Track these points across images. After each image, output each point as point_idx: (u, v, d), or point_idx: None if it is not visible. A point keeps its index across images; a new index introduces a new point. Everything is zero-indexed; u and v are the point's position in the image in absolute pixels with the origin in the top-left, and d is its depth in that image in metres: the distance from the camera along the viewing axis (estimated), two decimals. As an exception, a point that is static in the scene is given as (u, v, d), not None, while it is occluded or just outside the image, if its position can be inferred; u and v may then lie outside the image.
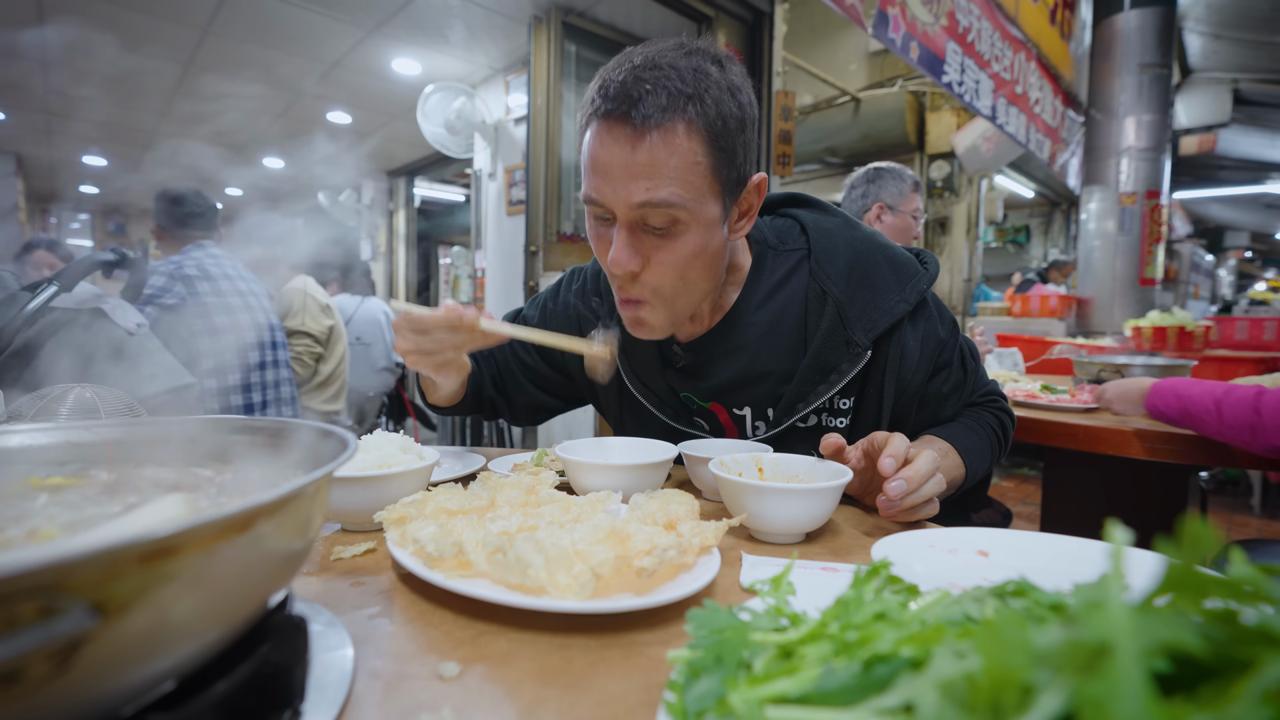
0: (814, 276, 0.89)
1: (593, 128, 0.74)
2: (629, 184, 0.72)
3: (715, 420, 0.97)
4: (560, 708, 0.37)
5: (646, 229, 0.75)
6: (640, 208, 0.72)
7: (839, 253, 0.89)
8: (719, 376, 0.92)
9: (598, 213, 0.78)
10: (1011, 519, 1.65)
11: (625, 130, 0.70)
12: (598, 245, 0.81)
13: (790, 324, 0.90)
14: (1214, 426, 1.15)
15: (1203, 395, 1.17)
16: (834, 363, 0.86)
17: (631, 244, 0.75)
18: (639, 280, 0.78)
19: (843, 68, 5.87)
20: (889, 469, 0.68)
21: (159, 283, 2.02)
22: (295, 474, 0.46)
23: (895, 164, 2.20)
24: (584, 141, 0.77)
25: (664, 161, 0.70)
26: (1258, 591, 0.21)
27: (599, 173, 0.74)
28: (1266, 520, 3.99)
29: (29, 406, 0.78)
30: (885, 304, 0.86)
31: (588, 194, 0.77)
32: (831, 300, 0.86)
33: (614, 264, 0.76)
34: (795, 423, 0.90)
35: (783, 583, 0.36)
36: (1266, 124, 6.75)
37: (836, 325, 0.86)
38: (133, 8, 3.79)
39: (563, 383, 1.08)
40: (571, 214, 3.85)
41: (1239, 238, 12.54)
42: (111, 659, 0.26)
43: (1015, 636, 0.21)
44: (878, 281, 0.87)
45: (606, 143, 0.72)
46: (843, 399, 0.89)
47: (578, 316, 1.02)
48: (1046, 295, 4.82)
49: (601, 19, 3.84)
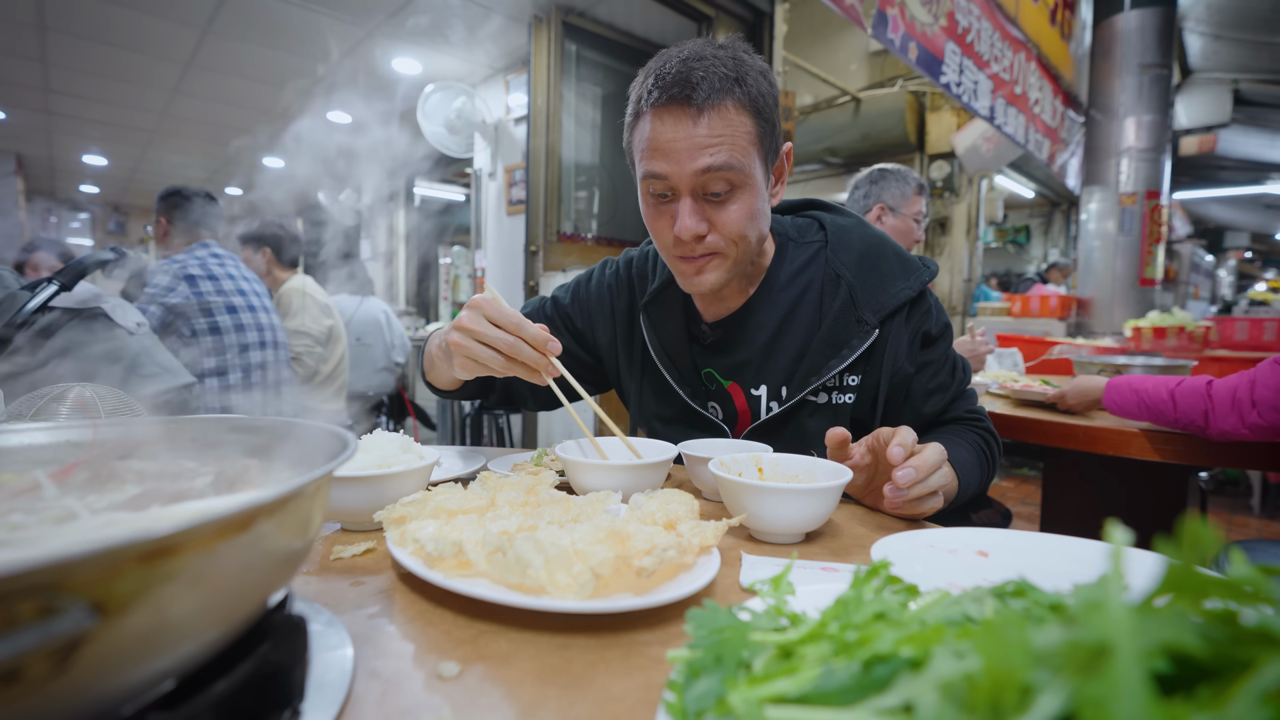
0: (829, 263, 0.99)
1: (649, 116, 0.84)
2: (694, 156, 0.82)
3: (730, 404, 1.02)
4: (560, 707, 0.37)
5: (706, 197, 0.86)
6: (704, 175, 0.83)
7: (852, 244, 1.00)
8: (742, 352, 1.00)
9: (659, 189, 0.87)
10: (1011, 519, 1.65)
11: (688, 111, 0.81)
12: (657, 223, 0.90)
13: (809, 305, 0.99)
14: (1170, 415, 1.23)
15: (1157, 387, 1.26)
16: (845, 339, 0.94)
17: (696, 211, 0.85)
18: (704, 242, 0.88)
19: (843, 68, 5.87)
20: (898, 457, 0.69)
21: (162, 281, 2.02)
22: (295, 473, 0.46)
23: (901, 166, 2.18)
24: (638, 131, 0.87)
25: (721, 133, 0.82)
26: (1257, 592, 0.21)
27: (661, 151, 0.83)
28: (1266, 520, 3.99)
29: (29, 406, 0.78)
30: (891, 289, 0.95)
31: (650, 173, 0.85)
32: (844, 283, 0.96)
33: (682, 231, 0.85)
34: (807, 396, 0.96)
35: (782, 583, 0.36)
36: (1267, 124, 6.75)
37: (848, 305, 0.95)
38: (133, 7, 3.79)
39: (591, 364, 1.15)
40: (571, 214, 3.85)
41: (1239, 238, 12.54)
42: (111, 658, 0.26)
43: (1015, 637, 0.21)
44: (885, 270, 0.96)
45: (669, 123, 0.82)
46: (851, 375, 0.96)
47: (610, 303, 1.11)
48: (1046, 295, 4.82)
49: (602, 19, 3.84)
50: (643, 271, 1.09)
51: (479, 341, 0.77)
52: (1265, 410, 1.11)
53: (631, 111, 0.89)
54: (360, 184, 5.13)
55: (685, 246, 0.88)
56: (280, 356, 2.32)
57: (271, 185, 2.64)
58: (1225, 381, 1.18)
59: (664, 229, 0.89)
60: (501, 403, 1.13)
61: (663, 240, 0.91)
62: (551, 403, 1.13)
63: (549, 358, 0.78)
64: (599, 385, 1.18)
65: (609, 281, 1.12)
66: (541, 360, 0.78)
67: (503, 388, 1.10)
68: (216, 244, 2.25)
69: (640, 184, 0.90)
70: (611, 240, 4.02)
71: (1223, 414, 1.16)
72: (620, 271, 1.12)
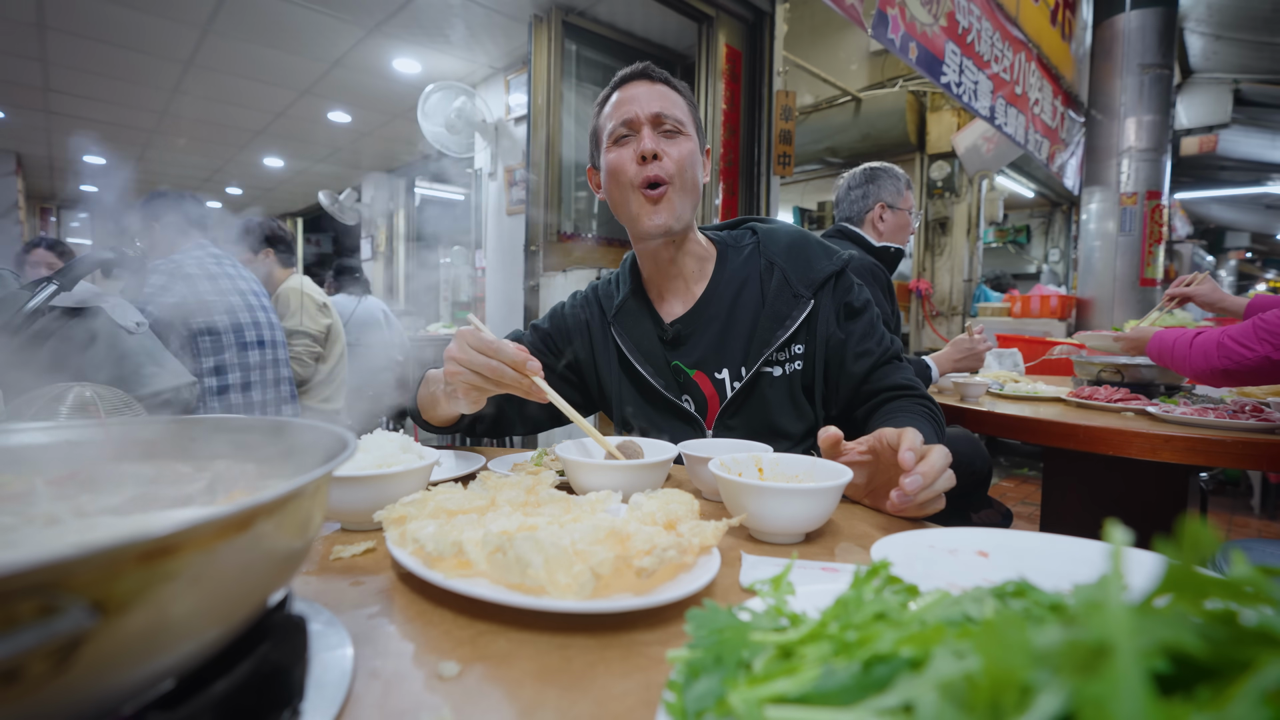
0: (763, 254, 1.18)
1: (616, 93, 1.12)
2: (652, 102, 1.09)
3: (699, 392, 1.16)
4: (560, 707, 0.37)
5: (661, 132, 1.08)
6: (659, 115, 1.08)
7: (780, 238, 1.19)
8: (701, 342, 1.16)
9: (623, 132, 1.09)
10: (1011, 519, 1.65)
11: (644, 82, 1.11)
12: (620, 163, 1.09)
13: (751, 292, 1.16)
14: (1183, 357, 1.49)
15: (1176, 339, 1.52)
16: (785, 311, 1.11)
17: (653, 137, 1.08)
18: (660, 162, 1.06)
19: (843, 68, 5.87)
20: (911, 462, 0.69)
21: (159, 281, 2.02)
22: (294, 473, 0.46)
23: (887, 164, 2.24)
24: (606, 107, 1.13)
25: (669, 97, 1.11)
26: (1257, 592, 0.21)
27: (628, 102, 1.09)
28: (1266, 520, 3.99)
29: (29, 405, 0.78)
30: (817, 265, 1.13)
31: (620, 121, 1.08)
32: (777, 268, 1.14)
33: (644, 149, 1.05)
34: (762, 369, 1.11)
35: (782, 583, 0.36)
36: (1267, 125, 6.75)
37: (783, 283, 1.13)
38: (133, 7, 3.79)
39: (576, 383, 1.26)
40: (572, 214, 3.85)
41: (1239, 238, 12.53)
42: (111, 658, 0.26)
43: (1015, 637, 0.21)
44: (810, 253, 1.16)
45: (633, 88, 1.11)
46: (795, 344, 1.12)
47: (585, 320, 1.26)
48: (1046, 295, 4.82)
49: (602, 18, 3.84)
50: (608, 292, 1.25)
51: (468, 369, 0.84)
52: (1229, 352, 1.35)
53: (600, 101, 1.16)
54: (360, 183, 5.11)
55: (646, 166, 1.06)
56: (279, 356, 2.32)
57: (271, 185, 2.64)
58: (1206, 334, 1.43)
59: (626, 163, 1.08)
60: (490, 431, 1.20)
61: (625, 174, 1.08)
62: (539, 425, 1.22)
63: (530, 378, 0.83)
64: (586, 404, 1.28)
65: (579, 304, 1.27)
66: (523, 381, 0.84)
67: (490, 418, 1.17)
68: (211, 244, 2.24)
69: (606, 141, 1.10)
70: (611, 240, 4.01)
71: (1200, 356, 1.41)
72: (589, 296, 1.29)
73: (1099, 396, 1.74)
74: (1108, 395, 1.74)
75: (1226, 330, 1.38)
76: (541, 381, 0.84)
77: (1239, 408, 1.49)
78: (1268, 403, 1.56)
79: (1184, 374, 1.49)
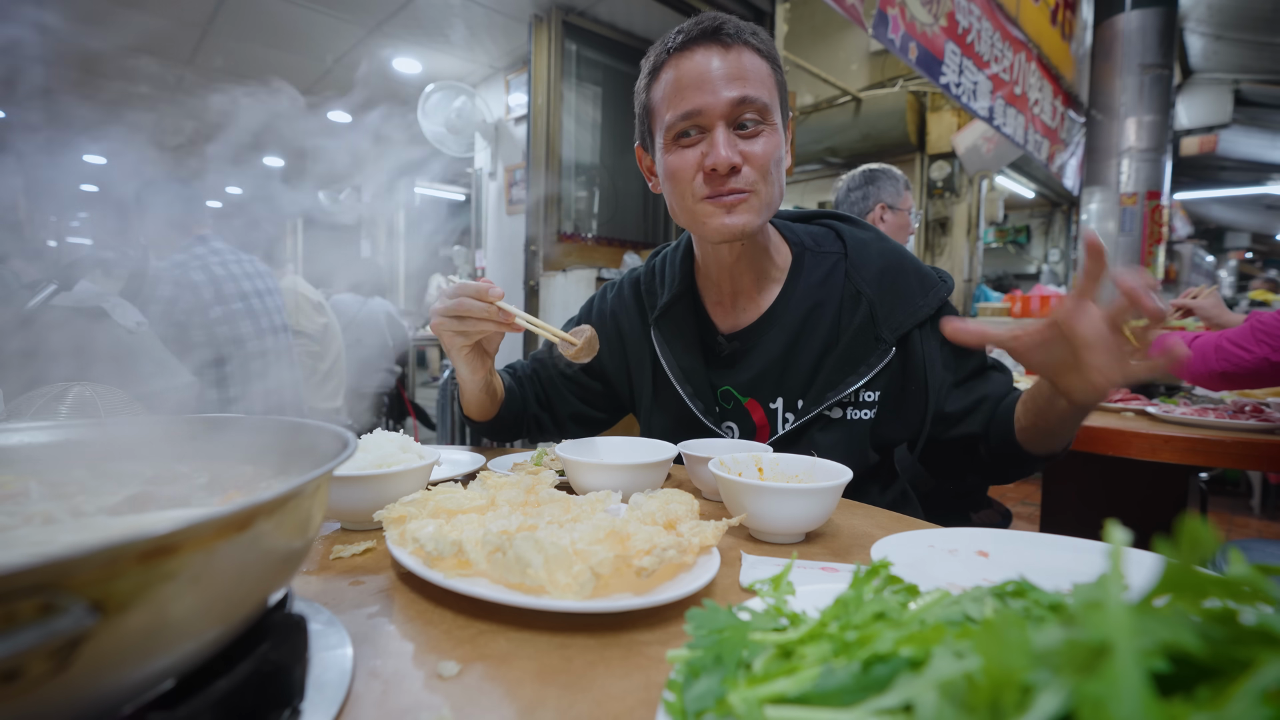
0: (850, 278, 0.98)
1: (673, 63, 0.86)
2: (728, 85, 0.83)
3: (748, 420, 1.01)
4: (559, 707, 0.37)
5: (737, 129, 0.86)
6: (738, 105, 0.84)
7: (872, 259, 0.98)
8: (760, 363, 0.98)
9: (687, 127, 0.86)
10: (1011, 519, 1.65)
11: (716, 47, 0.84)
12: (681, 168, 0.88)
13: (826, 318, 0.98)
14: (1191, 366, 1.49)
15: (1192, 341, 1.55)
16: (863, 356, 0.94)
17: (730, 141, 0.85)
18: (739, 173, 0.86)
19: (843, 68, 5.87)
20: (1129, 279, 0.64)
21: (167, 292, 2.01)
22: (294, 473, 0.46)
23: (885, 165, 2.26)
24: (660, 81, 0.88)
25: (750, 67, 0.85)
26: (1256, 591, 0.21)
27: (694, 85, 0.84)
28: (1266, 520, 3.99)
29: (29, 404, 0.78)
30: (910, 307, 0.95)
31: (681, 113, 0.85)
32: (865, 300, 0.96)
33: (718, 161, 0.84)
34: (823, 412, 0.95)
35: (782, 583, 0.36)
36: (1267, 125, 6.75)
37: (868, 322, 0.95)
38: (133, 7, 3.79)
39: (602, 391, 1.14)
40: (571, 214, 3.85)
41: (1240, 239, 12.53)
42: (111, 657, 0.26)
43: (1014, 636, 0.21)
44: (904, 288, 0.96)
45: (699, 58, 0.85)
46: (868, 391, 0.95)
47: (616, 328, 1.11)
48: (1047, 295, 4.81)
49: (602, 18, 3.84)
50: (651, 287, 1.06)
51: (443, 315, 0.83)
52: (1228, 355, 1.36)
53: (650, 70, 0.90)
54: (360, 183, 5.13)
55: (716, 182, 0.86)
56: (281, 344, 2.30)
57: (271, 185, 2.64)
58: (1210, 335, 1.44)
59: (689, 170, 0.87)
60: (531, 431, 1.12)
61: (687, 184, 0.88)
62: (580, 428, 1.14)
63: (494, 303, 0.82)
64: (615, 410, 1.17)
65: (611, 307, 1.11)
66: (490, 308, 0.82)
67: (533, 418, 1.11)
68: (213, 236, 2.22)
69: (664, 135, 0.88)
70: (612, 240, 4.01)
71: (1198, 360, 1.41)
72: (625, 292, 1.10)
73: (1099, 397, 1.74)
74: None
75: (1224, 333, 1.38)
76: (507, 305, 0.84)
77: (1239, 408, 1.49)
78: (1268, 403, 1.56)
79: (1182, 377, 1.50)
